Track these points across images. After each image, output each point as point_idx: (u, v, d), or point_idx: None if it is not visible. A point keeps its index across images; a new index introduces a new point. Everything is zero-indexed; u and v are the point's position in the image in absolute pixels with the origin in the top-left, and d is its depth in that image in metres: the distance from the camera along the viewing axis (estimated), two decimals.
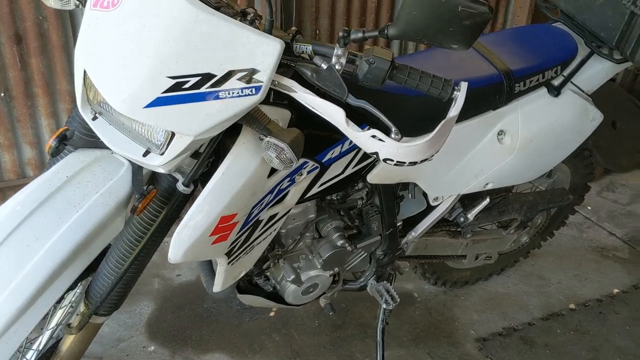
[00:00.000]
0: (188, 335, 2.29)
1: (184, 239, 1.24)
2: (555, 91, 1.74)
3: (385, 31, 1.07)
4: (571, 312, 2.49)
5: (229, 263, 1.43)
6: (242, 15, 1.17)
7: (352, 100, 1.16)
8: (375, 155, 1.15)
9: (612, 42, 1.70)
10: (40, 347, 1.59)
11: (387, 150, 1.13)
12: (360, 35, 1.11)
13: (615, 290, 2.62)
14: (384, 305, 1.92)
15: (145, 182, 1.32)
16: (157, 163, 1.17)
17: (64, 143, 1.25)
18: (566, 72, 1.76)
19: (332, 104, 1.14)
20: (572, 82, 1.78)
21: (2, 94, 2.29)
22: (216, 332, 2.31)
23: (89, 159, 1.26)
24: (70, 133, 1.27)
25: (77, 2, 1.27)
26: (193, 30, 1.06)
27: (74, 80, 1.18)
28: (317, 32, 2.73)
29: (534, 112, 1.73)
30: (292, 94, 1.17)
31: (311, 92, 1.15)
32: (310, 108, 1.17)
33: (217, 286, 1.48)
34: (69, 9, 1.27)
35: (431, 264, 2.34)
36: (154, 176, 1.34)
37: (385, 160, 1.15)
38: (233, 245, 1.38)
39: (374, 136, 1.12)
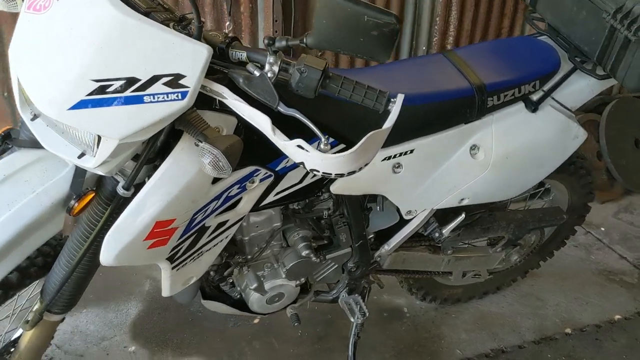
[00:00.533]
0: (170, 337, 2.30)
1: (116, 242, 1.24)
2: (533, 106, 1.68)
3: (305, 40, 1.05)
4: (566, 337, 2.39)
5: (173, 268, 1.42)
6: (178, 21, 1.16)
7: (282, 109, 1.14)
8: (302, 165, 1.13)
9: (594, 56, 1.63)
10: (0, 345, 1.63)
11: (312, 161, 1.11)
12: (284, 43, 1.09)
13: (617, 317, 2.50)
14: (352, 319, 1.89)
15: (90, 184, 1.33)
16: (90, 165, 1.17)
17: (6, 142, 1.27)
18: (546, 87, 1.69)
19: (259, 112, 1.12)
20: (552, 98, 1.71)
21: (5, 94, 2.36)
22: (198, 336, 2.31)
23: (31, 158, 1.28)
24: (15, 132, 1.29)
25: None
26: (118, 34, 1.06)
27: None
28: None
29: (509, 128, 1.67)
30: (223, 100, 1.16)
31: (240, 99, 1.14)
32: (241, 115, 1.16)
33: (165, 290, 1.48)
34: (15, 11, 1.29)
35: (417, 279, 2.28)
36: (100, 178, 1.35)
37: (311, 170, 1.13)
38: (175, 251, 1.38)
39: (299, 145, 1.10)
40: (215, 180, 1.34)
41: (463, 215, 1.83)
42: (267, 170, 1.43)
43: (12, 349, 1.64)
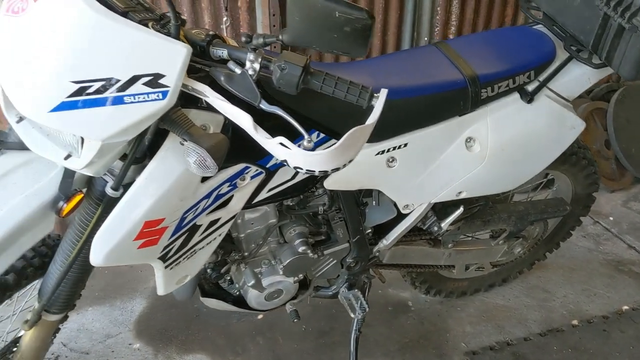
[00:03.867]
0: (174, 334, 2.32)
1: (105, 242, 1.25)
2: (529, 97, 1.65)
3: (280, 36, 1.04)
4: (572, 329, 2.37)
5: (166, 267, 1.42)
6: (157, 20, 1.16)
7: (265, 106, 1.13)
8: (285, 163, 1.12)
9: (589, 45, 1.60)
10: (1, 346, 1.65)
11: (295, 159, 1.10)
12: (260, 40, 1.09)
13: (625, 307, 2.47)
14: (351, 314, 1.88)
15: (80, 184, 1.34)
16: (76, 166, 1.18)
17: None
18: (541, 77, 1.66)
19: (240, 110, 1.12)
20: (548, 88, 1.68)
21: None
22: (202, 333, 2.33)
23: (20, 160, 1.28)
24: (3, 135, 1.30)
25: None
26: (95, 35, 1.06)
27: None
28: None
29: (504, 119, 1.65)
30: (205, 99, 1.16)
31: (222, 97, 1.14)
32: (223, 113, 1.15)
33: (160, 289, 1.48)
34: None
35: (419, 273, 2.27)
36: (90, 179, 1.36)
37: (295, 168, 1.12)
38: (167, 250, 1.38)
39: (281, 143, 1.10)
40: (205, 179, 1.34)
41: (461, 209, 1.81)
42: (257, 167, 1.43)
43: (14, 349, 1.66)
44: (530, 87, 1.66)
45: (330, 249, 1.79)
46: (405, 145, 1.59)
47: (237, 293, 1.83)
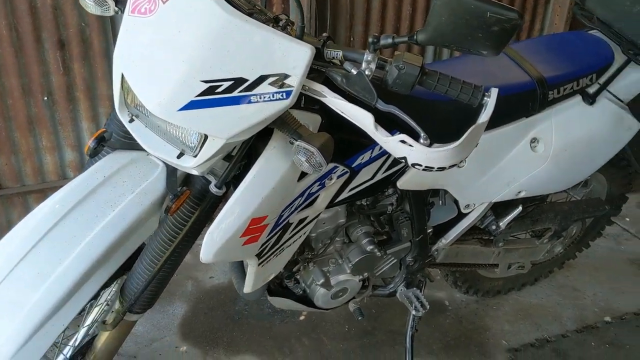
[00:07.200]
0: (219, 336, 2.33)
1: (216, 239, 1.27)
2: (590, 99, 1.72)
3: (415, 37, 1.08)
4: (606, 325, 2.44)
5: (259, 264, 1.45)
6: (274, 22, 1.19)
7: (381, 106, 1.17)
8: (403, 160, 1.16)
9: None
10: (77, 344, 1.63)
11: (416, 155, 1.14)
12: (390, 40, 1.12)
13: None
14: (413, 312, 1.92)
15: (179, 183, 1.36)
16: (190, 165, 1.20)
17: (102, 144, 1.29)
18: (602, 80, 1.74)
19: (361, 109, 1.15)
20: (607, 90, 1.76)
21: (46, 98, 2.37)
22: (247, 334, 2.34)
23: (125, 160, 1.30)
24: (108, 135, 1.31)
25: (117, 9, 1.32)
26: (226, 35, 1.09)
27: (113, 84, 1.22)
28: (352, 38, 2.75)
29: (568, 120, 1.72)
30: (322, 99, 1.19)
31: (341, 97, 1.17)
32: (340, 113, 1.19)
33: (248, 287, 1.50)
34: (108, 15, 1.32)
35: (462, 272, 2.32)
36: (187, 178, 1.38)
37: (413, 165, 1.16)
38: (263, 247, 1.41)
39: (402, 141, 1.13)
40: (300, 178, 1.37)
41: (520, 208, 1.87)
42: (344, 167, 1.46)
43: (86, 351, 1.65)
44: (592, 90, 1.73)
45: (393, 248, 1.82)
46: (476, 145, 1.64)
47: (301, 292, 1.85)
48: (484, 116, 1.15)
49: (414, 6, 2.82)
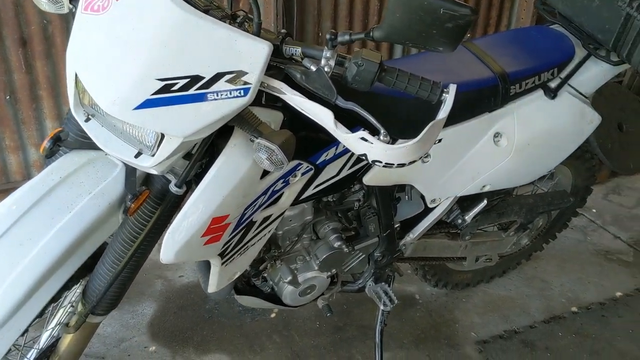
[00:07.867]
0: (189, 335, 2.31)
1: (176, 239, 1.26)
2: (552, 93, 1.74)
3: (371, 33, 1.08)
4: (573, 316, 2.48)
5: (222, 264, 1.44)
6: (231, 18, 1.18)
7: (341, 102, 1.17)
8: (364, 157, 1.16)
9: (608, 44, 1.69)
10: (41, 346, 1.61)
11: (375, 152, 1.14)
12: (347, 37, 1.12)
13: (618, 294, 2.60)
14: (382, 307, 1.93)
15: (139, 183, 1.34)
16: (148, 164, 1.19)
17: (58, 144, 1.27)
18: (563, 74, 1.76)
19: (321, 106, 1.15)
20: (569, 84, 1.78)
21: (8, 97, 2.32)
22: (217, 333, 2.33)
23: (82, 160, 1.28)
24: (64, 134, 1.29)
25: (71, 6, 1.29)
26: (181, 33, 1.07)
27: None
28: (319, 34, 2.74)
29: (530, 114, 1.73)
30: (281, 96, 1.18)
31: (300, 94, 1.16)
32: (300, 110, 1.18)
33: (212, 286, 1.49)
34: (63, 12, 1.29)
35: (431, 266, 2.34)
36: (148, 177, 1.36)
37: (374, 162, 1.16)
38: (226, 246, 1.40)
39: (362, 138, 1.13)
40: (263, 176, 1.36)
41: (485, 201, 1.89)
42: (308, 164, 1.46)
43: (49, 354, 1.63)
44: (553, 84, 1.75)
45: (361, 244, 1.83)
46: (440, 141, 1.65)
47: (269, 290, 1.85)
48: (443, 112, 1.16)
49: (382, 1, 2.82)
